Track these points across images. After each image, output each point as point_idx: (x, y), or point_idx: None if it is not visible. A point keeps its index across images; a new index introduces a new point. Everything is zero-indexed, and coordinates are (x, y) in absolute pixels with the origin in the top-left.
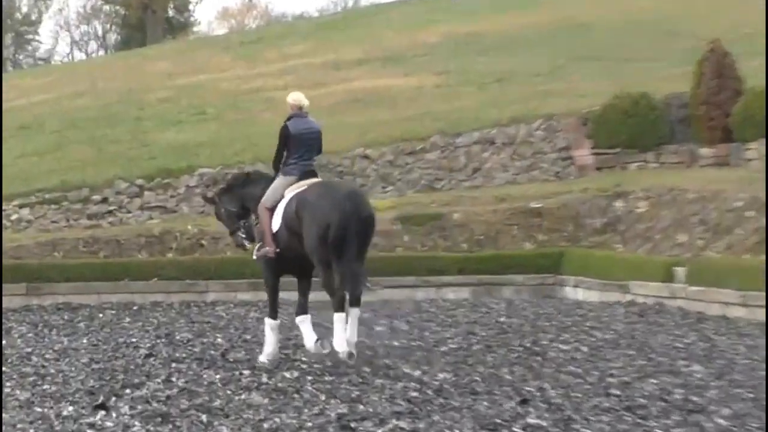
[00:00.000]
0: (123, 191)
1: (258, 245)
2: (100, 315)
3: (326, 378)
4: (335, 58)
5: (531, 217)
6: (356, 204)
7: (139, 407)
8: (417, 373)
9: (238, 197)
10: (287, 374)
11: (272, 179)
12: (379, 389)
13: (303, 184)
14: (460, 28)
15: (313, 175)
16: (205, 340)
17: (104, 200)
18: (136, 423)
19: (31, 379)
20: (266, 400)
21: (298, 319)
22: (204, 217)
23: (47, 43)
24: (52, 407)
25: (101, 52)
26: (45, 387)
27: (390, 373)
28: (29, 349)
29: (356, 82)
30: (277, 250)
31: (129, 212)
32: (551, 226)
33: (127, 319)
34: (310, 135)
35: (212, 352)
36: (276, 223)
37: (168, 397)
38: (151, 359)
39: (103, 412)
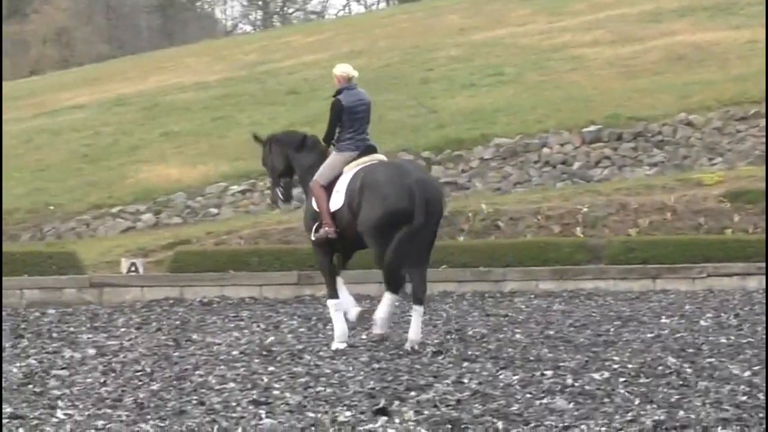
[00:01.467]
0: None
1: (315, 226)
2: None
3: (641, 380)
4: (654, 8)
5: None
6: (433, 195)
7: (426, 412)
8: (747, 374)
9: (287, 157)
10: (596, 376)
11: (324, 152)
12: (702, 393)
13: (367, 160)
14: None
15: (375, 150)
16: (501, 335)
17: None
18: (422, 430)
19: (303, 380)
20: (571, 405)
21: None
22: (501, 195)
23: None
24: (326, 412)
25: (382, 5)
26: (319, 389)
27: (715, 374)
28: (301, 346)
29: (678, 36)
30: (337, 230)
31: None
32: None
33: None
34: (362, 107)
35: (510, 349)
36: (338, 201)
37: (458, 401)
38: (440, 358)
39: (384, 418)
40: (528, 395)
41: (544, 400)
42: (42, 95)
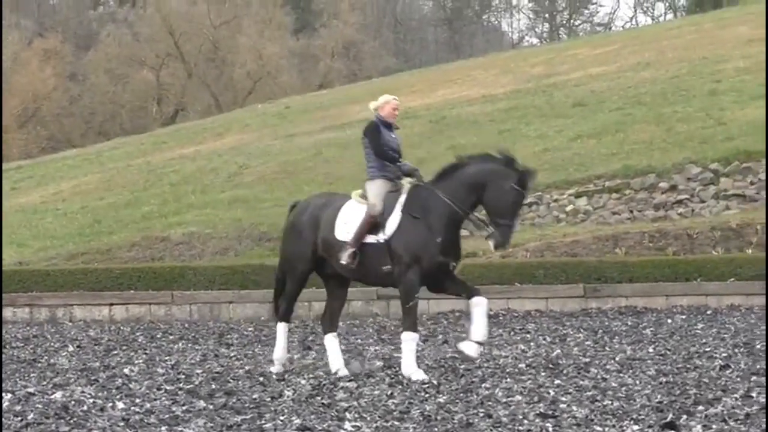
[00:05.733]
0: (694, 177)
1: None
2: (669, 320)
3: None
4: None
5: None
6: None
7: (714, 426)
8: None
9: None
10: None
11: None
12: None
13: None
14: None
15: None
16: None
17: (673, 188)
18: None
19: (590, 393)
20: None
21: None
22: None
23: (607, 6)
24: (613, 426)
25: (669, 16)
26: (606, 403)
27: None
28: (587, 360)
29: None
30: None
31: (702, 201)
32: None
33: (700, 326)
34: None
35: None
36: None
37: (747, 416)
38: (728, 371)
39: None
40: None
41: None
42: (331, 108)
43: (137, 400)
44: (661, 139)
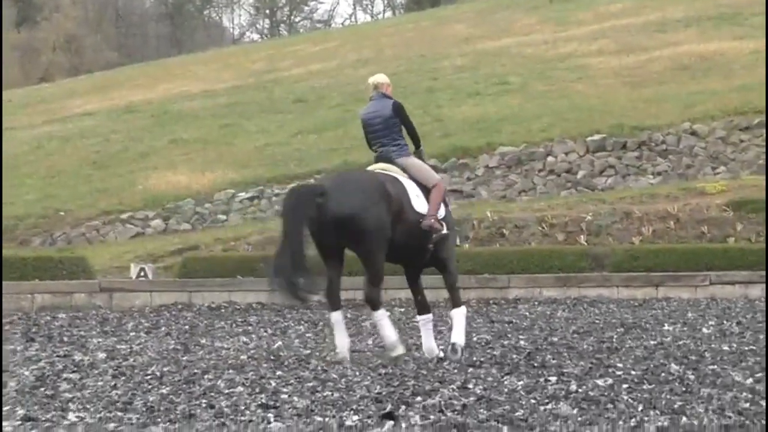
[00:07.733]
0: None
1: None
2: (388, 313)
3: (645, 387)
4: (660, 18)
5: None
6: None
7: (432, 417)
8: (749, 381)
9: None
10: (600, 382)
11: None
12: (705, 399)
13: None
14: None
15: (382, 159)
16: (505, 342)
17: None
18: None
19: (311, 384)
20: (575, 411)
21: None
22: (506, 203)
23: (327, 3)
24: (334, 416)
25: (388, 14)
26: (326, 394)
27: (718, 381)
28: (308, 352)
29: (683, 46)
30: None
31: None
32: None
33: (418, 318)
34: (377, 119)
35: (514, 356)
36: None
37: (464, 406)
38: (445, 363)
39: (391, 422)
40: (533, 401)
41: (549, 406)
42: (52, 102)
43: None
44: None
